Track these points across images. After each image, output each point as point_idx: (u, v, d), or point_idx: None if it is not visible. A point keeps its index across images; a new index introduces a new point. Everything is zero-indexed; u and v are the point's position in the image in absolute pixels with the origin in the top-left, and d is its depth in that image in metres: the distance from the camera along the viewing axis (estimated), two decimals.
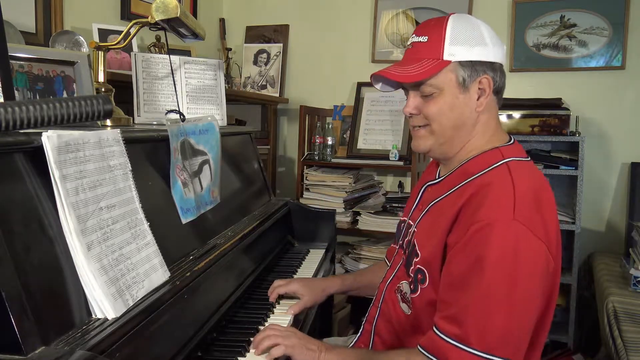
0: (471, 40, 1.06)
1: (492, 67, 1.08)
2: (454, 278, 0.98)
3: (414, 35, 1.11)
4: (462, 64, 1.05)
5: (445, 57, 1.05)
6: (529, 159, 1.10)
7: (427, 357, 0.96)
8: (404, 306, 1.13)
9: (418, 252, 1.09)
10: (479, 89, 1.07)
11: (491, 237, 0.93)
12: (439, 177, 1.17)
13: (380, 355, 1.08)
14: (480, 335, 0.92)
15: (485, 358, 0.91)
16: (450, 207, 1.03)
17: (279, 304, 1.39)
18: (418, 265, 1.08)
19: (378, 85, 1.19)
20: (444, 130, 1.09)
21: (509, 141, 1.12)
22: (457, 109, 1.07)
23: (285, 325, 1.20)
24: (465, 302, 0.94)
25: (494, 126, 1.12)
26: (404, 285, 1.14)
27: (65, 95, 1.23)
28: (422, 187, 1.22)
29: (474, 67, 1.06)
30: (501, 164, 1.04)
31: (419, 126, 1.12)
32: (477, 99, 1.07)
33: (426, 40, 1.08)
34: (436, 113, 1.07)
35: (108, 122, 1.29)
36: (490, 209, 0.95)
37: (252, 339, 1.12)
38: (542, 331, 1.06)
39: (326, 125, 2.82)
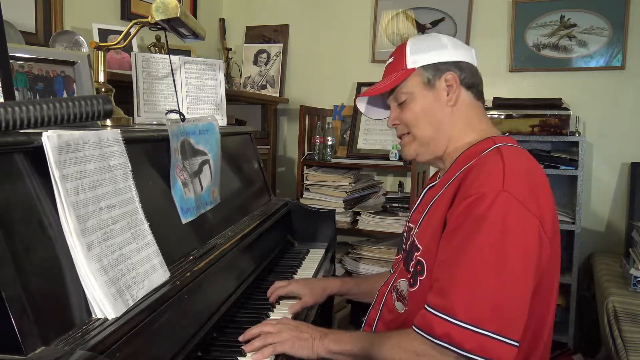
0: (430, 47, 1.15)
1: (458, 65, 1.15)
2: (445, 253, 0.98)
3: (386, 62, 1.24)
4: (425, 67, 1.14)
5: (409, 66, 1.15)
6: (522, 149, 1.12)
7: (417, 333, 0.95)
8: (398, 305, 1.14)
9: (418, 246, 1.09)
10: (447, 86, 1.14)
11: (480, 208, 0.93)
12: (438, 179, 1.19)
13: (375, 337, 1.07)
14: (467, 307, 0.90)
15: (473, 330, 0.88)
16: (447, 195, 1.05)
17: (279, 304, 1.39)
18: (418, 258, 1.08)
19: (362, 109, 1.31)
20: (423, 132, 1.16)
21: (502, 134, 1.16)
22: (429, 108, 1.14)
23: None
24: (453, 274, 0.93)
25: (477, 121, 1.16)
26: (402, 283, 1.14)
27: (65, 95, 1.23)
28: (423, 192, 1.23)
29: (437, 67, 1.14)
30: (493, 148, 1.06)
31: (403, 134, 1.19)
32: (447, 95, 1.14)
33: (392, 59, 1.20)
34: (412, 117, 1.16)
35: (108, 122, 1.29)
36: (480, 183, 0.97)
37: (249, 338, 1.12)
38: (543, 331, 1.05)
39: (326, 125, 2.82)
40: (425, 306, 0.96)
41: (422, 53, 1.15)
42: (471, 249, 0.92)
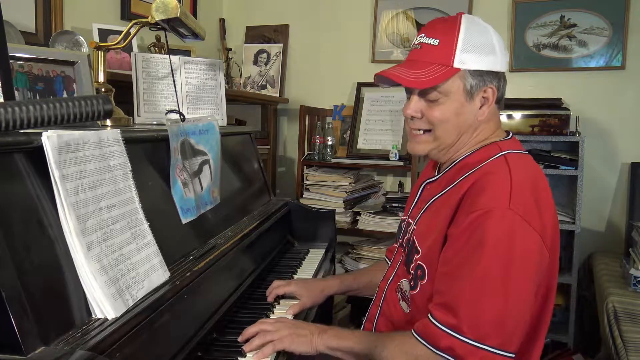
0: (482, 49, 1.05)
1: (497, 76, 1.08)
2: (449, 266, 0.99)
3: (423, 34, 1.08)
4: (471, 72, 1.05)
5: (456, 65, 1.04)
6: (526, 152, 1.11)
7: (420, 341, 0.97)
8: (403, 304, 1.14)
9: (418, 248, 1.10)
10: (482, 97, 1.08)
11: (486, 225, 0.94)
12: (437, 174, 1.18)
13: (376, 337, 1.08)
14: (473, 324, 0.92)
15: (476, 346, 0.92)
16: (450, 201, 1.04)
17: (278, 303, 1.39)
18: (418, 262, 1.09)
19: (381, 82, 1.17)
20: (448, 136, 1.09)
21: (507, 137, 1.14)
22: (461, 116, 1.08)
23: None
24: (460, 290, 0.95)
25: (492, 128, 1.13)
26: (404, 284, 1.14)
27: (65, 95, 1.23)
28: (421, 185, 1.22)
29: (482, 76, 1.06)
30: (499, 156, 1.05)
31: (421, 130, 1.12)
32: (480, 107, 1.08)
33: (437, 43, 1.05)
34: (440, 119, 1.08)
35: (108, 122, 1.29)
36: (487, 198, 0.97)
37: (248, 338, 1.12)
38: (540, 329, 1.06)
39: (326, 125, 2.82)
40: (431, 318, 0.97)
41: (472, 53, 1.04)
42: (477, 267, 0.94)
